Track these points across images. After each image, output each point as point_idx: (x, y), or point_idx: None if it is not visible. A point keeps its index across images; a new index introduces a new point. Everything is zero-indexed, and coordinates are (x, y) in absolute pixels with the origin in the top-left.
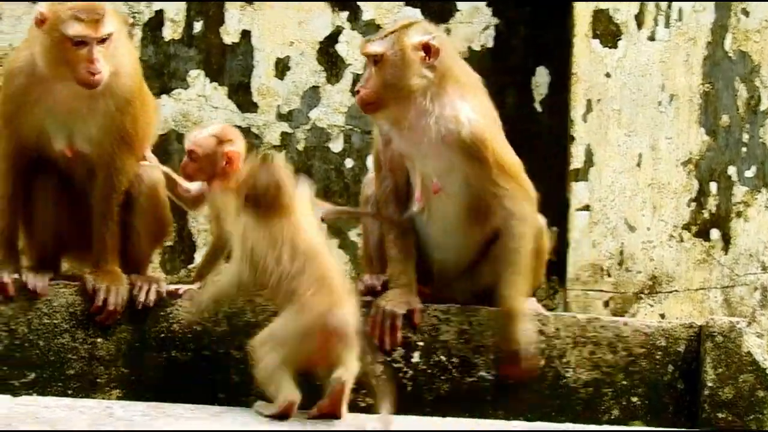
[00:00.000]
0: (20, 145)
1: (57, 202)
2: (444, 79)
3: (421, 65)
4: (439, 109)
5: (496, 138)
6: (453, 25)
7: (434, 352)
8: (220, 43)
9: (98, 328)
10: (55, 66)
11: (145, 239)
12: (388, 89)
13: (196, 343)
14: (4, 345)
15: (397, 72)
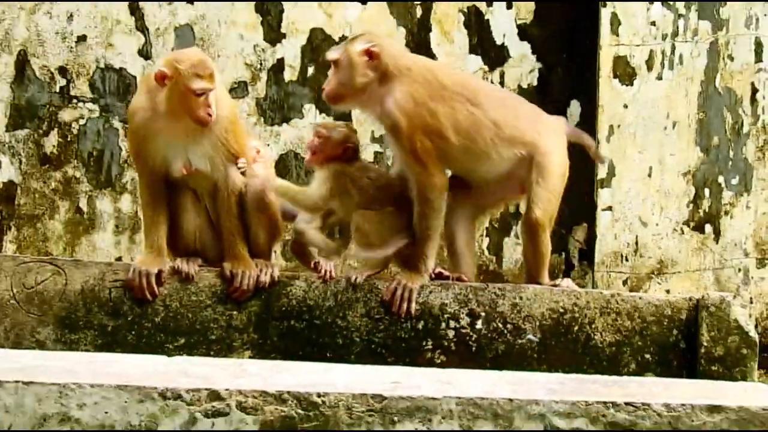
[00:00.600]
0: (148, 166)
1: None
2: (384, 76)
3: (366, 67)
4: (378, 100)
5: (410, 124)
6: (506, 68)
7: (493, 320)
8: None
9: (234, 303)
10: (177, 110)
11: (261, 232)
12: (342, 86)
13: (310, 314)
14: (161, 317)
15: (347, 73)
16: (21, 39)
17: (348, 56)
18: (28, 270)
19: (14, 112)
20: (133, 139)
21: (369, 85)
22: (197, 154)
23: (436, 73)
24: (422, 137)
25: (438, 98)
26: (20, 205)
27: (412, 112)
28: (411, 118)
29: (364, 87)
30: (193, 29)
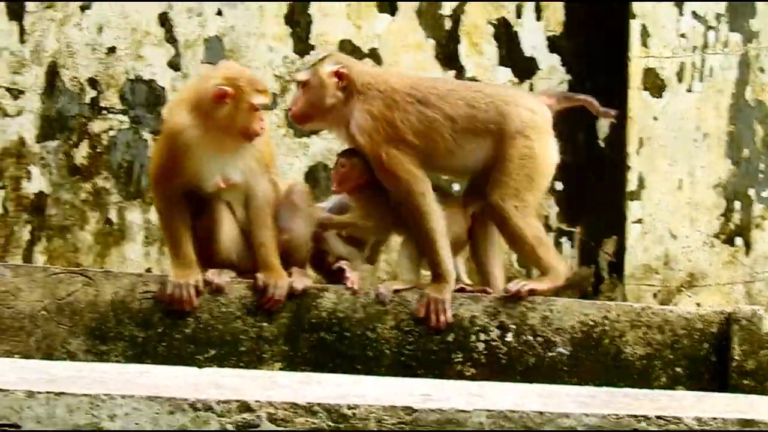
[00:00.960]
0: (180, 182)
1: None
2: (350, 95)
3: (335, 88)
4: (343, 120)
5: (371, 140)
6: (535, 80)
7: (523, 333)
8: None
9: (264, 315)
10: (231, 125)
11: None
12: (311, 107)
13: (340, 326)
14: (192, 328)
15: (316, 94)
16: (51, 51)
17: (318, 77)
18: (59, 281)
19: (44, 123)
20: (169, 156)
21: (336, 105)
22: (235, 168)
23: (389, 81)
24: (387, 149)
25: (393, 106)
26: (50, 216)
27: (371, 128)
28: (371, 134)
29: (332, 107)
30: (222, 41)
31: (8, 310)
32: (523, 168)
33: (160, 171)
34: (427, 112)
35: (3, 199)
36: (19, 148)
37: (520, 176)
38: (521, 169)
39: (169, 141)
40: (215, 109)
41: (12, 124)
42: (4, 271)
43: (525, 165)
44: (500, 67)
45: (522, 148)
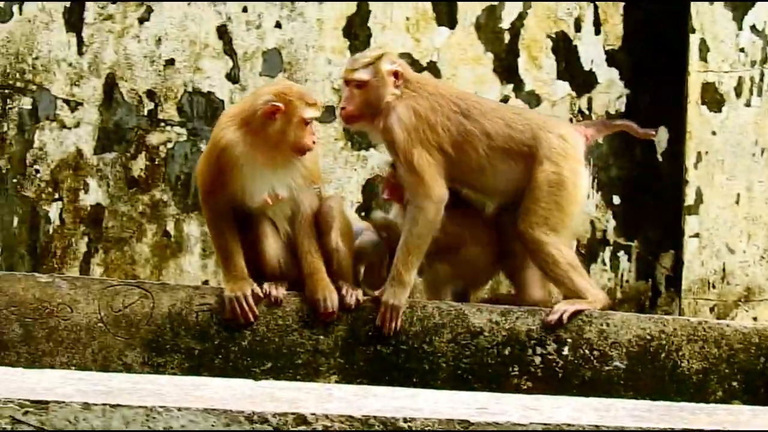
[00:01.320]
0: (226, 197)
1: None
2: (405, 92)
3: (393, 87)
4: (383, 115)
5: (408, 137)
6: (594, 94)
7: (580, 346)
8: None
9: (320, 328)
10: (282, 140)
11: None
12: (367, 106)
13: (396, 339)
14: (248, 341)
15: (375, 93)
16: (109, 63)
17: (380, 76)
18: (116, 293)
19: (102, 135)
20: (216, 171)
21: (390, 104)
22: (283, 183)
23: (438, 86)
24: (420, 150)
25: (438, 110)
26: (108, 228)
27: (411, 126)
28: (409, 131)
29: (386, 106)
30: (281, 53)
31: (65, 322)
32: (551, 195)
33: (207, 186)
34: (466, 125)
35: (60, 211)
36: (76, 160)
37: (549, 203)
38: (549, 196)
39: (218, 156)
40: (267, 125)
41: (70, 136)
42: (60, 284)
43: (553, 192)
44: (559, 80)
45: (550, 174)
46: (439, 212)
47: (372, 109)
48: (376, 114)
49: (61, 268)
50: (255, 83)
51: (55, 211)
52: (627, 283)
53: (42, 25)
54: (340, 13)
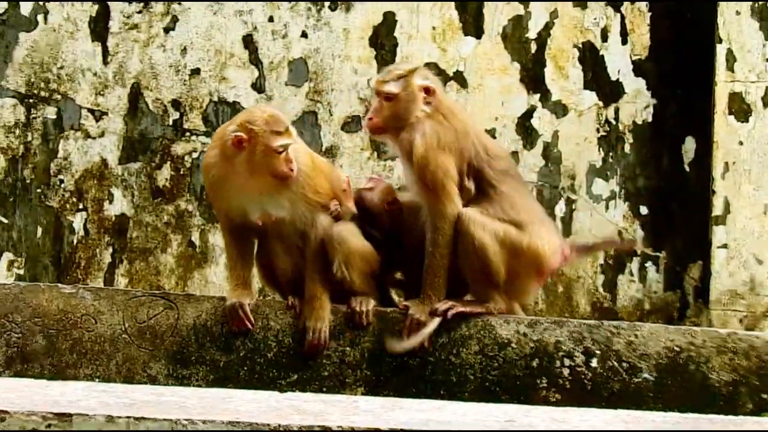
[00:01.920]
0: (223, 215)
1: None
2: (436, 110)
3: (423, 102)
4: (411, 131)
5: (429, 156)
6: (621, 104)
7: (608, 358)
8: None
9: (347, 339)
10: (257, 169)
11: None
12: (394, 119)
13: (423, 351)
14: (274, 352)
15: (404, 106)
16: (135, 72)
17: (411, 91)
18: (140, 304)
19: (127, 144)
20: (209, 190)
21: (418, 119)
22: (276, 205)
23: (467, 120)
24: (439, 167)
25: (465, 139)
26: (132, 238)
27: (435, 144)
28: (433, 149)
29: (414, 121)
30: (306, 63)
31: (89, 333)
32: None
33: (209, 199)
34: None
35: (85, 221)
36: (101, 169)
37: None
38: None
39: (205, 174)
40: (236, 155)
41: (94, 146)
42: (84, 294)
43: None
44: (585, 90)
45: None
46: (453, 228)
47: (399, 123)
48: (402, 128)
49: (85, 279)
50: (281, 93)
51: (80, 222)
52: (655, 294)
53: (67, 34)
54: (367, 23)
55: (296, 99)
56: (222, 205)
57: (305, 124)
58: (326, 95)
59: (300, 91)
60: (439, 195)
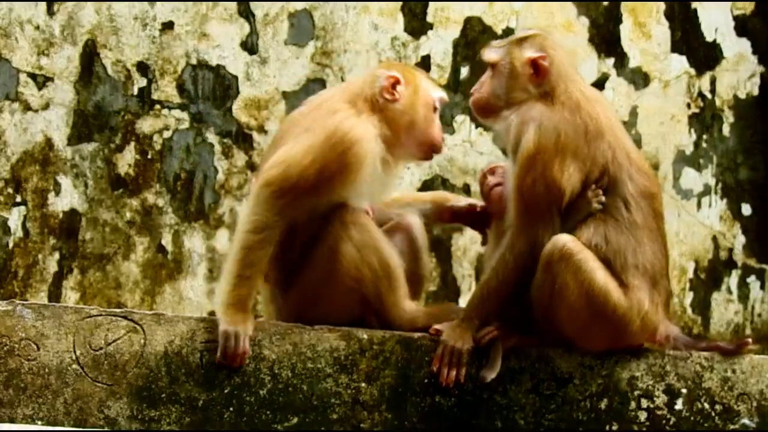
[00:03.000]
0: (309, 205)
1: None
2: (545, 96)
3: (528, 81)
4: (521, 116)
5: (538, 160)
6: (718, 72)
7: (698, 399)
8: None
9: (362, 373)
10: (413, 129)
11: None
12: (495, 97)
13: (460, 389)
14: (268, 389)
15: (504, 83)
16: (89, 26)
17: (510, 62)
18: (96, 326)
19: (79, 120)
20: (332, 171)
21: (525, 102)
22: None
23: (600, 117)
24: (536, 183)
25: (581, 154)
26: (85, 241)
27: (544, 152)
28: (537, 156)
29: (519, 103)
30: (312, 16)
31: (29, 362)
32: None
33: (307, 185)
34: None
35: (24, 219)
36: (45, 152)
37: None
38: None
39: (343, 153)
40: (388, 109)
41: (36, 121)
42: (23, 313)
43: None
44: (673, 54)
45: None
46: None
47: (502, 103)
48: (509, 108)
49: (24, 293)
50: (278, 54)
51: (17, 219)
52: (759, 317)
53: None
54: None
55: (298, 63)
56: (344, 193)
57: (310, 95)
58: (338, 58)
59: (303, 53)
60: (530, 212)
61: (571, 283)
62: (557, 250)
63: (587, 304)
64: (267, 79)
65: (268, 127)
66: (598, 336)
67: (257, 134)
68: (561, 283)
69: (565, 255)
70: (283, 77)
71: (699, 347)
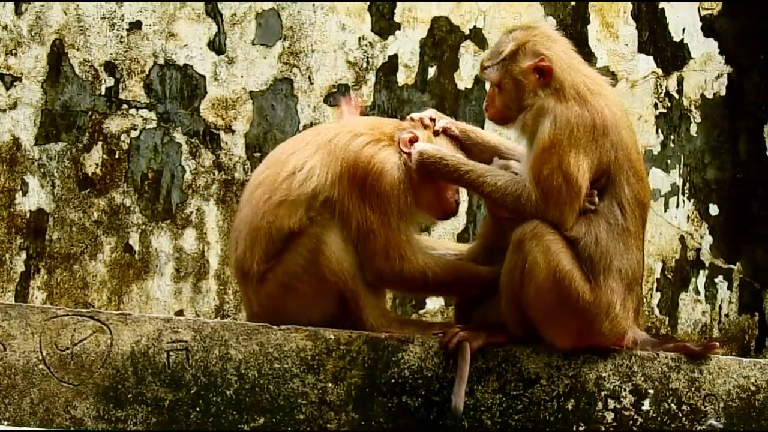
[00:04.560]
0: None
1: None
2: (556, 93)
3: (536, 86)
4: (534, 112)
5: (553, 152)
6: (686, 72)
7: (664, 399)
8: (454, 89)
9: (328, 373)
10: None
11: None
12: (509, 109)
13: (427, 389)
14: (234, 389)
15: (513, 95)
16: (56, 26)
17: (512, 77)
18: (63, 326)
19: (46, 119)
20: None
21: (535, 104)
22: None
23: (605, 112)
24: (553, 173)
25: (591, 149)
26: (52, 240)
27: (560, 145)
28: (552, 148)
29: (533, 103)
30: (280, 15)
31: None
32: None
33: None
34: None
35: None
36: (12, 151)
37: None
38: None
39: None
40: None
41: (3, 121)
42: None
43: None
44: (640, 54)
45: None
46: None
47: (516, 112)
48: (522, 110)
49: None
50: (246, 54)
51: None
52: (727, 317)
53: None
54: None
55: (266, 62)
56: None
57: (277, 95)
58: (305, 58)
59: (271, 53)
60: (548, 202)
61: (541, 261)
62: (529, 230)
63: (554, 285)
64: (234, 78)
65: (236, 127)
66: (565, 326)
67: (224, 134)
68: (531, 262)
69: (537, 234)
70: (251, 77)
71: (666, 348)
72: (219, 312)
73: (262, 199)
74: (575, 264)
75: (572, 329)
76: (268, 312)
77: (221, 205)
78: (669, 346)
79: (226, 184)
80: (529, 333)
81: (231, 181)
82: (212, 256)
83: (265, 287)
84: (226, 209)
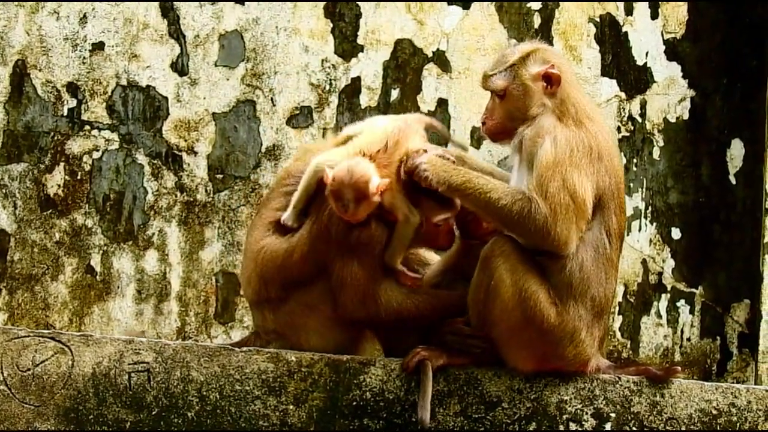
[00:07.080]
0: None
1: None
2: (562, 105)
3: (543, 94)
4: (533, 129)
5: (557, 170)
6: (649, 96)
7: (626, 423)
8: (417, 111)
9: (290, 395)
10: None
11: None
12: (511, 120)
13: (388, 411)
14: (195, 411)
15: (519, 103)
16: (19, 46)
17: (521, 83)
18: (24, 346)
19: (8, 140)
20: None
21: (540, 115)
22: None
23: (600, 138)
24: (566, 178)
25: (590, 171)
26: (14, 261)
27: (567, 153)
28: (563, 158)
29: (534, 118)
30: (243, 37)
31: None
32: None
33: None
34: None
35: None
36: None
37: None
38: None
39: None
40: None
41: None
42: None
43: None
44: (603, 78)
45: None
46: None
47: (518, 123)
48: (523, 123)
49: None
50: (209, 76)
51: None
52: (688, 341)
53: None
54: None
55: (229, 84)
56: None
57: (240, 117)
58: (268, 80)
59: (234, 74)
60: (557, 218)
61: (507, 279)
62: (497, 247)
63: (519, 304)
64: (197, 100)
65: (198, 149)
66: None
67: (187, 155)
68: (497, 279)
69: (504, 252)
70: (214, 98)
71: (628, 371)
72: (180, 333)
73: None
74: (542, 285)
75: (536, 351)
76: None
77: (183, 227)
78: (631, 370)
79: (188, 205)
80: (494, 350)
81: (193, 203)
82: (174, 278)
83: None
84: (188, 231)
